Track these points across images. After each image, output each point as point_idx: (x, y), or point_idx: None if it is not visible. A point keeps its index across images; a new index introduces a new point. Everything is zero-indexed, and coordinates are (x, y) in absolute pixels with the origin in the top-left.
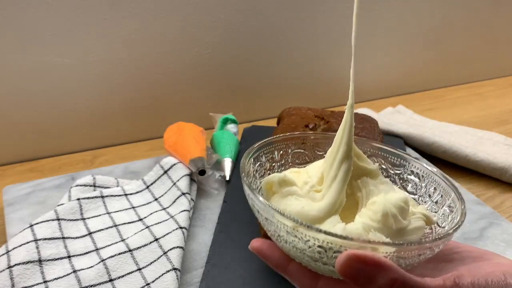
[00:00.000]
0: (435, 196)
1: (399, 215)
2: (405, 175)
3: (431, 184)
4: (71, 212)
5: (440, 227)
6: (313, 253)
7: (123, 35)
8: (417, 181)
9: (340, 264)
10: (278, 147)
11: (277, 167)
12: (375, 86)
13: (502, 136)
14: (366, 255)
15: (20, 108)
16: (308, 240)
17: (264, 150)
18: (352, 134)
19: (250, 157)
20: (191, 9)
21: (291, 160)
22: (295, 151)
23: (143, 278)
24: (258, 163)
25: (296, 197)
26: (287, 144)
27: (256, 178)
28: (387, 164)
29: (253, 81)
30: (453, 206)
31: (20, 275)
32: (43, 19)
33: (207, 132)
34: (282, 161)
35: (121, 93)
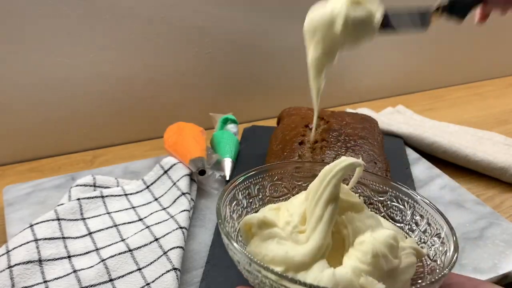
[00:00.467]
0: (423, 224)
1: (390, 254)
2: (388, 202)
3: (417, 211)
4: (71, 212)
5: (431, 260)
6: None
7: (123, 35)
8: (402, 208)
9: None
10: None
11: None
12: (375, 86)
13: (502, 136)
14: None
15: (20, 108)
16: None
17: (240, 186)
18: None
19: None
20: (191, 9)
21: (269, 193)
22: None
23: (143, 278)
24: (235, 202)
25: (278, 240)
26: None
27: (234, 219)
28: (369, 191)
29: (253, 81)
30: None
31: (20, 275)
32: (43, 19)
33: (207, 132)
34: (259, 196)
35: (121, 93)
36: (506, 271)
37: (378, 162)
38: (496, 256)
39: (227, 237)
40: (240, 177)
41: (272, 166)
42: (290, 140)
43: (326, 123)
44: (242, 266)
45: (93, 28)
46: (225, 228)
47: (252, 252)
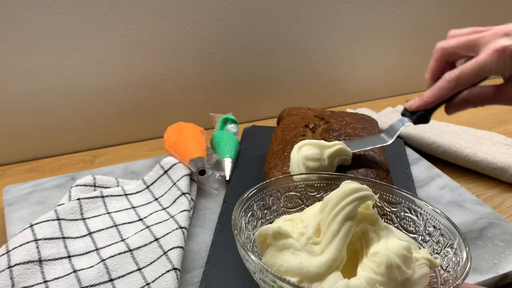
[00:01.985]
0: (436, 235)
1: (403, 265)
2: (402, 213)
3: (430, 222)
4: (71, 212)
5: (445, 270)
6: None
7: (123, 35)
8: (415, 219)
9: None
10: (268, 193)
11: (269, 213)
12: (375, 86)
13: (502, 136)
14: None
15: (20, 108)
16: None
17: (255, 198)
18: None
19: (241, 208)
20: (191, 9)
21: (283, 204)
22: (286, 194)
23: (143, 278)
24: (250, 213)
25: (293, 251)
26: (277, 188)
27: (249, 230)
28: (382, 202)
29: (253, 81)
30: (456, 247)
31: (20, 275)
32: (43, 19)
33: (207, 132)
34: (274, 207)
35: (121, 93)
36: (506, 271)
37: (378, 162)
38: (496, 256)
39: (243, 248)
40: (254, 189)
41: (286, 177)
42: (290, 140)
43: (326, 123)
44: (258, 276)
45: (93, 28)
46: (241, 239)
47: (267, 262)
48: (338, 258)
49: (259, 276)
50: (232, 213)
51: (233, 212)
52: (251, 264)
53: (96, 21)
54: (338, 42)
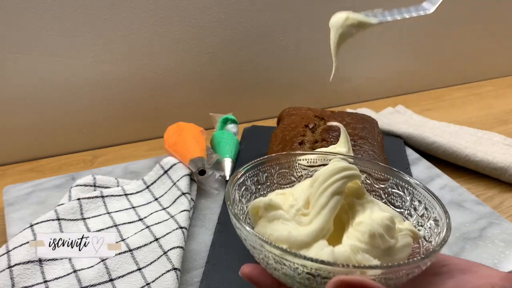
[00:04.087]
0: (420, 209)
1: (386, 234)
2: (389, 189)
3: (416, 197)
4: (71, 212)
5: (427, 241)
6: (302, 279)
7: (123, 35)
8: (402, 194)
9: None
10: (262, 169)
11: (263, 189)
12: (375, 86)
13: (502, 136)
14: (354, 280)
15: (20, 108)
16: (297, 267)
17: (249, 173)
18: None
19: (235, 183)
20: (191, 9)
21: (276, 181)
22: (279, 171)
23: (143, 278)
24: (244, 187)
25: (283, 221)
26: (272, 165)
27: (243, 203)
28: (371, 179)
29: (253, 81)
30: (438, 219)
31: (20, 275)
32: (43, 19)
33: (207, 132)
34: (267, 183)
35: (121, 93)
36: (506, 271)
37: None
38: (496, 256)
39: (235, 217)
40: (249, 165)
41: (280, 155)
42: (290, 140)
43: (326, 123)
44: (249, 243)
45: (93, 28)
46: (234, 209)
47: (259, 232)
48: (325, 228)
49: (249, 243)
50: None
51: (226, 186)
52: (243, 232)
53: (96, 21)
54: None
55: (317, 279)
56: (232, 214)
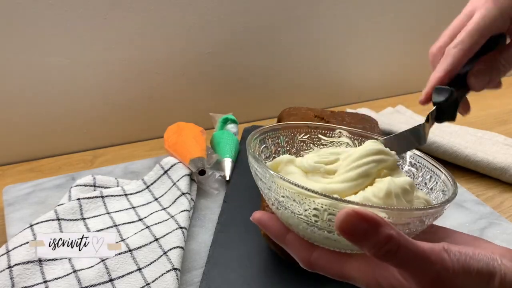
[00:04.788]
0: (431, 183)
1: (402, 196)
2: (404, 166)
3: (427, 173)
4: (71, 212)
5: None
6: (308, 216)
7: (123, 35)
8: (414, 171)
9: (339, 220)
10: (284, 133)
11: (282, 152)
12: (375, 86)
13: (502, 136)
14: (365, 212)
15: (20, 108)
16: (304, 202)
17: (270, 134)
18: None
19: (256, 137)
20: (191, 9)
21: (297, 147)
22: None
23: (143, 278)
24: (264, 145)
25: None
26: (293, 132)
27: (261, 157)
28: None
29: (253, 81)
30: (446, 190)
31: (20, 275)
32: (43, 19)
33: (207, 132)
34: (287, 147)
35: (121, 93)
36: None
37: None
38: None
39: (254, 157)
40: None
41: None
42: None
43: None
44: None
45: (93, 28)
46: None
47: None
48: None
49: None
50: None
51: (248, 137)
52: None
53: (96, 21)
54: (338, 42)
55: (323, 216)
56: (251, 154)
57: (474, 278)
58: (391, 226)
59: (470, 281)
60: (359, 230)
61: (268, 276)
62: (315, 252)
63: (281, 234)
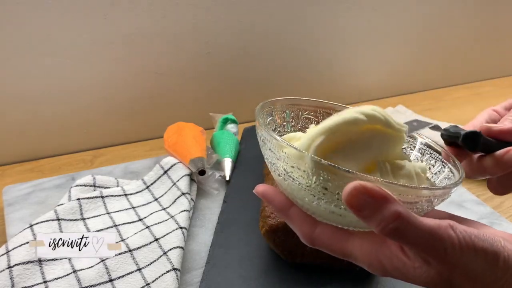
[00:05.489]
0: (435, 168)
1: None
2: (408, 149)
3: (432, 158)
4: (71, 212)
5: None
6: (315, 190)
7: (123, 35)
8: (419, 156)
9: (346, 193)
10: (290, 109)
11: (288, 127)
12: (375, 86)
13: None
14: (374, 187)
15: (20, 108)
16: (314, 174)
17: (277, 108)
18: None
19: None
20: (191, 9)
21: (302, 124)
22: (306, 115)
23: (143, 278)
24: (270, 118)
25: None
26: (299, 108)
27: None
28: None
29: (253, 81)
30: (451, 175)
31: (20, 275)
32: (43, 19)
33: (207, 132)
34: (292, 123)
35: (121, 93)
36: None
37: None
38: None
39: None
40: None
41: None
42: None
43: None
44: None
45: (92, 28)
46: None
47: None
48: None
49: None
50: (232, 213)
51: (256, 107)
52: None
53: (95, 21)
54: (338, 42)
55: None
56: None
57: (479, 257)
58: (399, 203)
59: (475, 259)
60: (366, 205)
61: (268, 276)
62: (318, 227)
63: (285, 207)
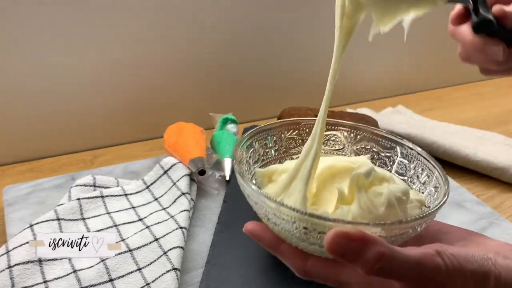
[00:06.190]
0: (422, 177)
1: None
2: (395, 157)
3: (419, 166)
4: (71, 212)
5: (426, 206)
6: (299, 233)
7: (123, 35)
8: (406, 163)
9: (327, 242)
10: (271, 133)
11: (271, 152)
12: (375, 86)
13: (502, 136)
14: (353, 232)
15: (20, 108)
16: (295, 222)
17: (258, 137)
18: None
19: (243, 145)
20: (191, 9)
21: (285, 145)
22: (288, 136)
23: (143, 278)
24: (252, 150)
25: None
26: (281, 130)
27: (250, 164)
28: (378, 147)
29: (253, 81)
30: (438, 186)
31: (20, 275)
32: (43, 19)
33: (207, 132)
34: (276, 147)
35: (121, 93)
36: None
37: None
38: None
39: (240, 174)
40: (257, 129)
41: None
42: None
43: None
44: (252, 199)
45: (92, 28)
46: (240, 168)
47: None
48: None
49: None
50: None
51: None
52: (246, 188)
53: (96, 21)
54: None
55: (313, 234)
56: (238, 172)
57: (469, 280)
58: (381, 243)
59: (465, 283)
60: (348, 251)
61: (268, 276)
62: (310, 260)
63: (275, 244)
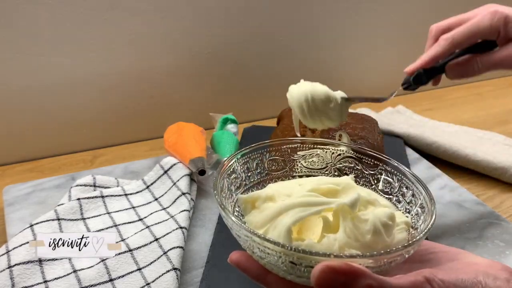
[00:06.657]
0: (408, 196)
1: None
2: (378, 175)
3: (404, 183)
4: (71, 212)
5: (413, 228)
6: (286, 267)
7: (123, 35)
8: (390, 181)
9: (315, 277)
10: (252, 157)
11: (253, 176)
12: (375, 86)
13: (502, 136)
14: (340, 265)
15: (20, 108)
16: (280, 256)
17: (239, 161)
18: None
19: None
20: (191, 9)
21: (268, 167)
22: (270, 158)
23: (143, 278)
24: (233, 176)
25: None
26: (262, 153)
27: (232, 191)
28: (361, 165)
29: (253, 81)
30: (424, 206)
31: (20, 275)
32: (43, 19)
33: (207, 132)
34: (258, 170)
35: (121, 93)
36: None
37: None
38: (496, 256)
39: (221, 207)
40: (238, 153)
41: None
42: None
43: None
44: (234, 232)
45: (93, 28)
46: (220, 199)
47: (248, 220)
48: None
49: (235, 231)
50: None
51: (215, 174)
52: (228, 221)
53: (96, 21)
54: (337, 42)
55: (299, 267)
56: (219, 203)
57: None
58: (369, 275)
59: None
60: (337, 285)
61: None
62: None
63: (261, 275)
